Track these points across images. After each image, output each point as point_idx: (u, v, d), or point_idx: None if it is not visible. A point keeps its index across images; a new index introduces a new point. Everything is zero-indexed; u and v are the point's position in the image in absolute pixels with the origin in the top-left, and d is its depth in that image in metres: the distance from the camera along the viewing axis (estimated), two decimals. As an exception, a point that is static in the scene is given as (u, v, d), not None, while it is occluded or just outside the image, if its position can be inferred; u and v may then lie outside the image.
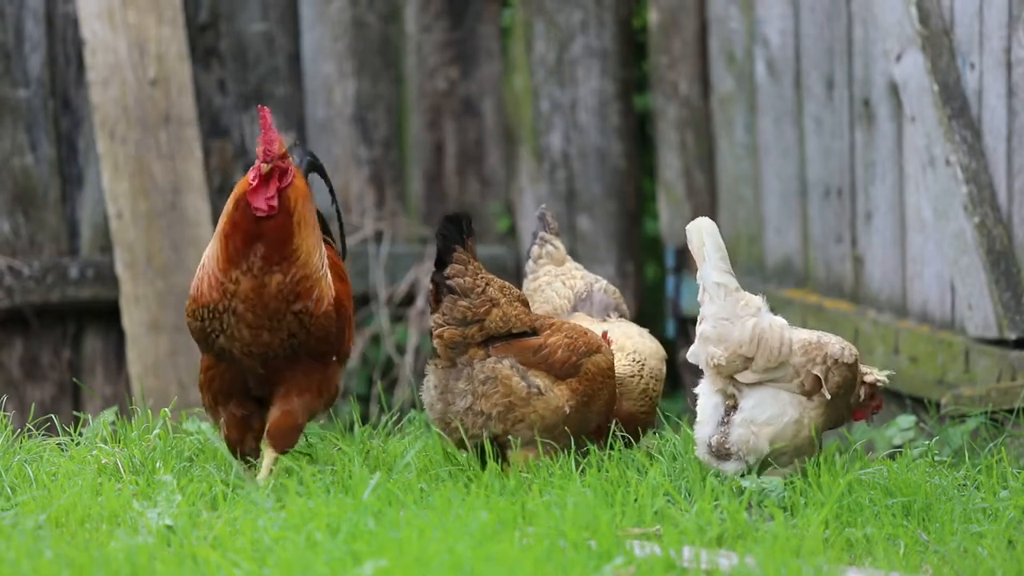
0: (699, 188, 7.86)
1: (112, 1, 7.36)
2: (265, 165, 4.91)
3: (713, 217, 7.78)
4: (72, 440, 5.33)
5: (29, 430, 5.39)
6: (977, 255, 6.22)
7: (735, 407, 5.18)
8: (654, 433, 5.66)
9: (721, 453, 5.15)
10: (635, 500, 4.74)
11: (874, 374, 5.33)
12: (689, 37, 7.77)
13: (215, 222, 7.52)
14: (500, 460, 5.12)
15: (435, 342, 5.14)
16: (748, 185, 7.58)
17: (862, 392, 5.29)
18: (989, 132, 6.24)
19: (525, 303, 5.28)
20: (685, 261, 7.77)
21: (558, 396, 5.14)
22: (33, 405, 6.85)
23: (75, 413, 7.08)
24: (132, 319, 7.36)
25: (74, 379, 7.45)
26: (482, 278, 5.16)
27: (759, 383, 5.16)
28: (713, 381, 5.20)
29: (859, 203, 7.01)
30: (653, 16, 7.87)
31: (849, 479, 4.87)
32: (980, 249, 6.21)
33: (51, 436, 5.38)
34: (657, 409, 5.60)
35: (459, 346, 5.12)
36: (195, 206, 7.40)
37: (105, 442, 5.27)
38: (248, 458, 5.07)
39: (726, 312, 5.16)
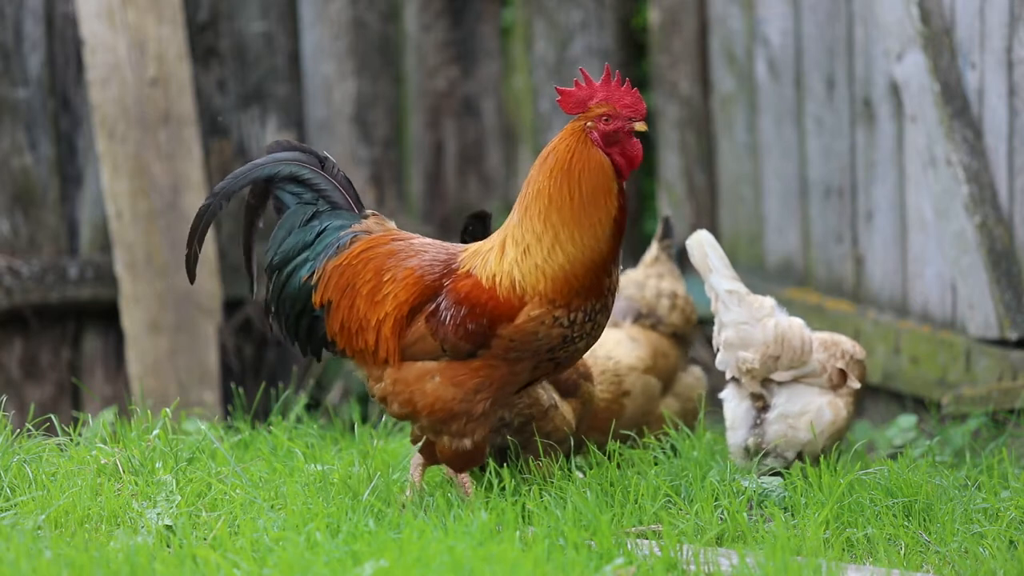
0: (699, 188, 7.85)
1: (112, 1, 7.36)
2: (642, 124, 4.56)
3: (713, 217, 7.80)
4: (71, 440, 5.32)
5: (28, 430, 5.37)
6: (978, 255, 6.21)
7: (765, 408, 5.24)
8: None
9: (758, 454, 5.22)
10: (635, 500, 4.73)
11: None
12: (690, 37, 7.77)
13: (215, 222, 7.53)
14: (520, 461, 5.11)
15: None
16: (748, 185, 7.57)
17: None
18: (990, 132, 6.23)
19: None
20: (686, 261, 7.77)
21: (567, 412, 5.15)
22: (32, 405, 6.84)
23: (74, 413, 7.08)
24: (132, 319, 7.35)
25: (73, 379, 7.44)
26: None
27: (790, 381, 5.24)
28: (746, 385, 5.25)
29: (860, 203, 7.00)
30: (653, 16, 7.86)
31: (850, 479, 4.87)
32: (981, 249, 6.21)
33: (50, 436, 5.37)
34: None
35: None
36: (195, 206, 7.39)
37: (104, 442, 5.26)
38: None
39: (745, 317, 5.24)
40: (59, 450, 5.25)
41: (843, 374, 5.27)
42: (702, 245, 5.28)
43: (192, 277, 4.88)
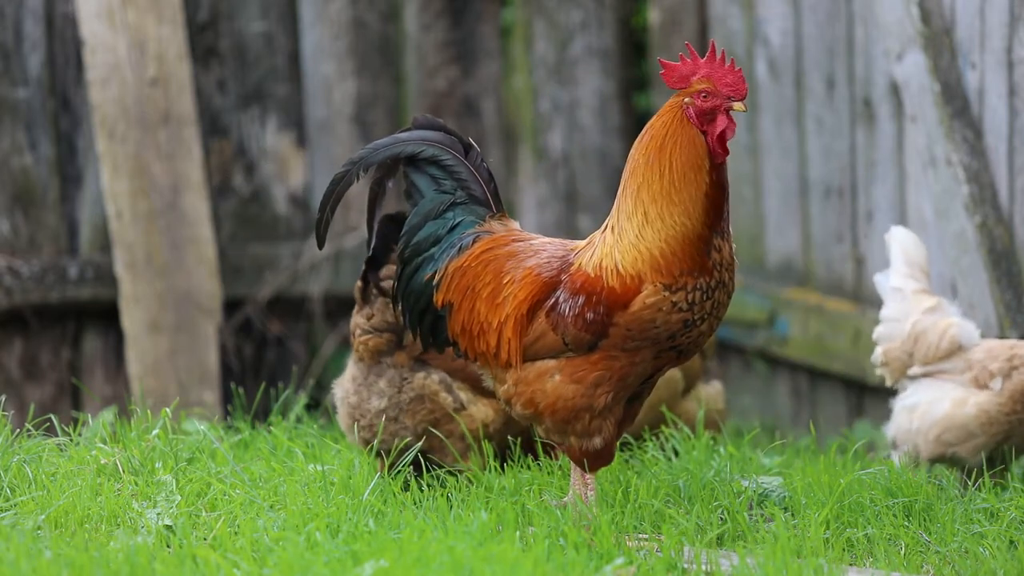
0: (699, 188, 7.84)
1: (112, 1, 7.36)
2: (740, 104, 4.49)
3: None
4: (71, 440, 5.32)
5: (28, 430, 5.37)
6: (978, 255, 6.21)
7: None
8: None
9: (892, 444, 5.35)
10: (635, 500, 4.73)
11: None
12: (690, 36, 7.76)
13: (214, 221, 7.54)
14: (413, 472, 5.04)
15: (358, 346, 5.02)
16: (749, 185, 7.57)
17: None
18: (990, 131, 6.23)
19: None
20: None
21: (481, 411, 5.05)
22: (32, 405, 6.83)
23: (74, 413, 7.08)
24: (132, 319, 7.35)
25: (73, 379, 7.44)
26: None
27: (926, 376, 5.32)
28: (888, 377, 5.41)
29: (860, 203, 7.00)
30: (654, 15, 7.86)
31: (850, 479, 4.86)
32: (981, 249, 6.20)
33: (50, 436, 5.37)
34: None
35: (385, 352, 5.03)
36: (195, 206, 7.39)
37: (104, 442, 5.26)
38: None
39: (899, 314, 5.40)
40: (59, 450, 5.25)
41: (989, 375, 5.25)
42: (892, 241, 5.49)
43: (321, 243, 4.75)
